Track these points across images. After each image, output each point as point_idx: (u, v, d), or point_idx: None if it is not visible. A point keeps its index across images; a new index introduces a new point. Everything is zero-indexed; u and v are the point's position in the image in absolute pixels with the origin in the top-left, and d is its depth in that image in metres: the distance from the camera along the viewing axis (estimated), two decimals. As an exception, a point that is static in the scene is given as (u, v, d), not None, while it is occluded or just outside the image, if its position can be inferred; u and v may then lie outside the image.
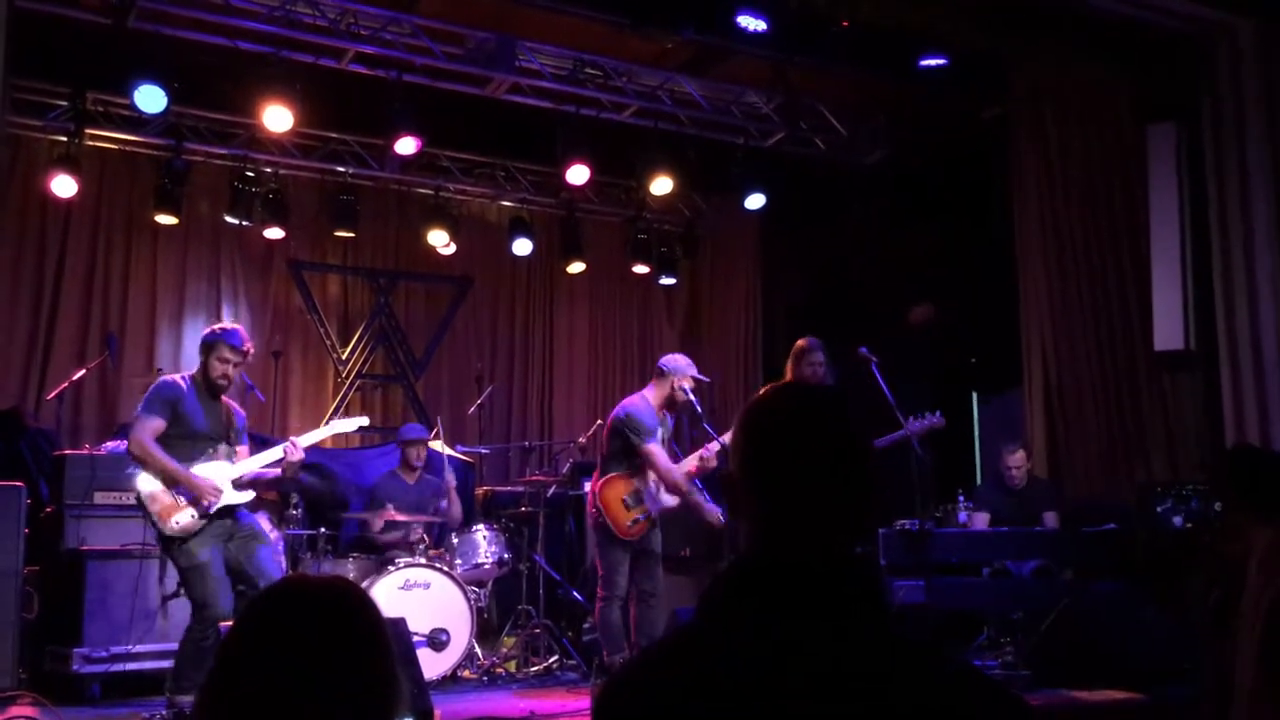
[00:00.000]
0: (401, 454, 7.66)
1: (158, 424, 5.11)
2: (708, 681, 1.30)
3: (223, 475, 5.20)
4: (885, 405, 5.98)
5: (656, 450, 5.88)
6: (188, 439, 5.20)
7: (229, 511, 5.20)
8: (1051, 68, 7.88)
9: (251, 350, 5.44)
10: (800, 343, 5.97)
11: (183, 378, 5.34)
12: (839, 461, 1.43)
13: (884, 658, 1.32)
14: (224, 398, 5.40)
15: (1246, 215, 6.49)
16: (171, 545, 5.04)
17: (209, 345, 5.31)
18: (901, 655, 1.34)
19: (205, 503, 5.03)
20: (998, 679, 5.70)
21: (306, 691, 1.34)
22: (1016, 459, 7.22)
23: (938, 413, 6.11)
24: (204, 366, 5.30)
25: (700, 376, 6.12)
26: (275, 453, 5.44)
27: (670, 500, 5.97)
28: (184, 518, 5.02)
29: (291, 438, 5.63)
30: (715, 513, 5.93)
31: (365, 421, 6.02)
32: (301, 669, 1.35)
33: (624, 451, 5.99)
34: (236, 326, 5.45)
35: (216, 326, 5.46)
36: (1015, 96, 8.17)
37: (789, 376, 5.92)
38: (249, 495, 5.36)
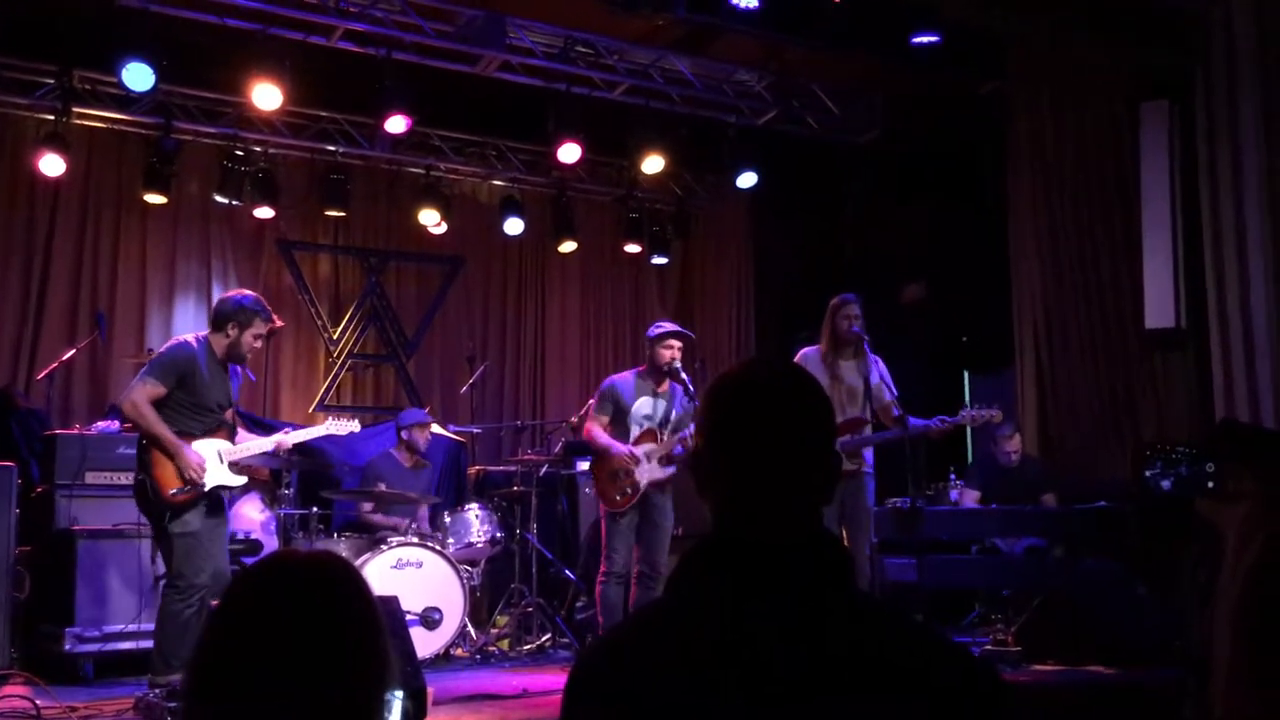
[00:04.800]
0: (407, 437, 7.58)
1: (157, 390, 5.00)
2: (678, 656, 1.31)
3: (219, 454, 5.16)
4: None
5: (591, 415, 6.09)
6: (196, 409, 5.11)
7: (219, 492, 5.18)
8: (1046, 45, 7.86)
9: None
10: (836, 298, 5.95)
11: (196, 340, 5.18)
12: (801, 437, 1.43)
13: (853, 628, 1.33)
14: None
15: (1238, 193, 6.49)
16: (165, 514, 4.99)
17: (246, 316, 5.14)
18: (869, 624, 1.34)
19: (189, 477, 4.98)
20: (984, 655, 5.75)
21: (296, 667, 1.34)
22: (1014, 444, 7.23)
23: (996, 405, 6.07)
24: (234, 338, 5.15)
25: (678, 329, 6.10)
26: (267, 443, 5.42)
27: (661, 472, 5.95)
28: (181, 491, 4.99)
29: (285, 431, 5.62)
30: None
31: (356, 427, 5.97)
32: (290, 644, 1.35)
33: (617, 427, 6.03)
34: (258, 295, 5.36)
35: (250, 295, 5.28)
36: (1009, 74, 8.15)
37: (825, 331, 5.90)
38: (243, 480, 5.33)
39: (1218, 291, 6.59)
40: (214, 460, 5.11)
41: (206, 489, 5.06)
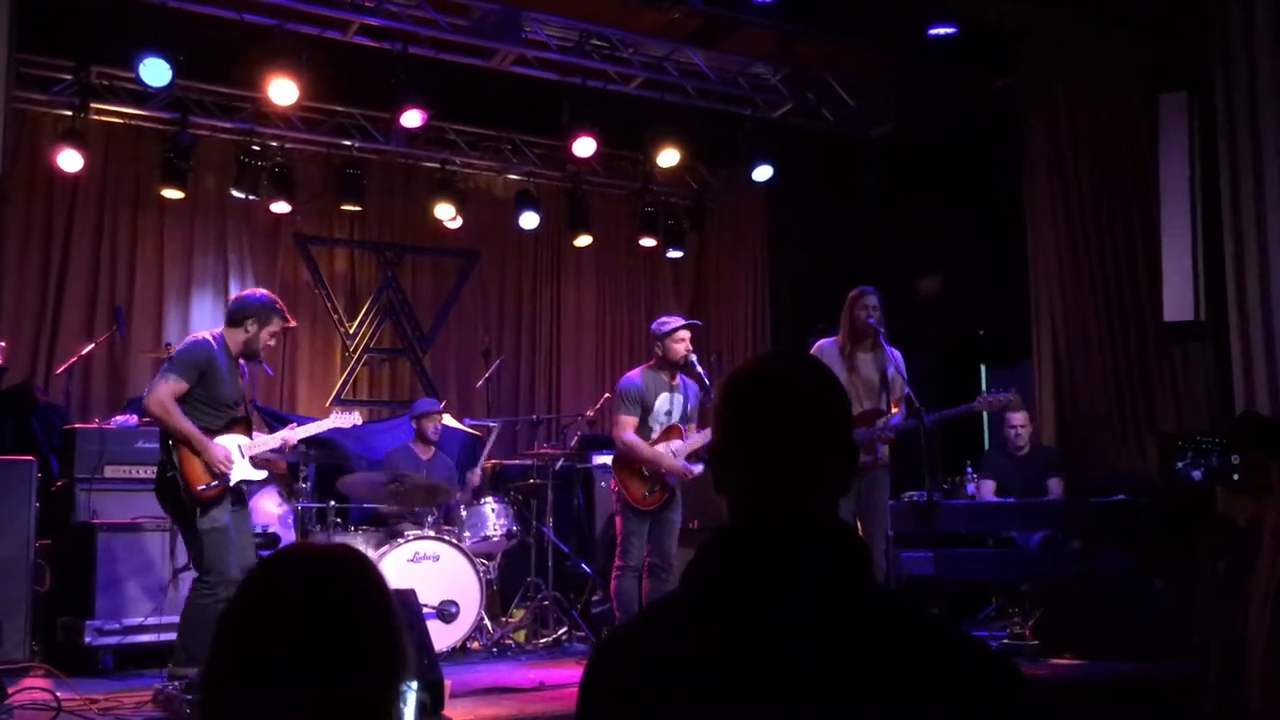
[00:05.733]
0: (417, 429, 7.67)
1: (181, 387, 5.02)
2: (692, 650, 1.31)
3: (240, 448, 5.20)
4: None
5: (622, 420, 6.01)
6: (214, 405, 5.15)
7: (241, 485, 5.23)
8: (1059, 38, 7.81)
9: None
10: (854, 290, 5.93)
11: (213, 336, 5.22)
12: (818, 428, 1.43)
13: (868, 621, 1.32)
14: None
15: (1258, 184, 6.43)
16: (194, 510, 5.01)
17: (265, 314, 5.20)
18: (885, 617, 1.34)
19: (218, 471, 5.04)
20: (1001, 648, 5.75)
21: (312, 659, 1.34)
22: (1019, 418, 7.20)
23: (1013, 389, 6.06)
24: (252, 334, 5.20)
25: (685, 321, 6.11)
26: (275, 440, 5.47)
27: (694, 468, 5.98)
28: (210, 486, 5.03)
29: (291, 426, 5.65)
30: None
31: (359, 419, 6.11)
32: (306, 636, 1.35)
33: (640, 426, 6.02)
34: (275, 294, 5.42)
35: (268, 294, 5.33)
36: (1025, 66, 8.11)
37: (843, 323, 5.89)
38: (263, 474, 5.38)
39: (1237, 284, 6.53)
40: (236, 454, 5.16)
41: (232, 483, 5.11)
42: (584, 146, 8.33)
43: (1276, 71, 6.42)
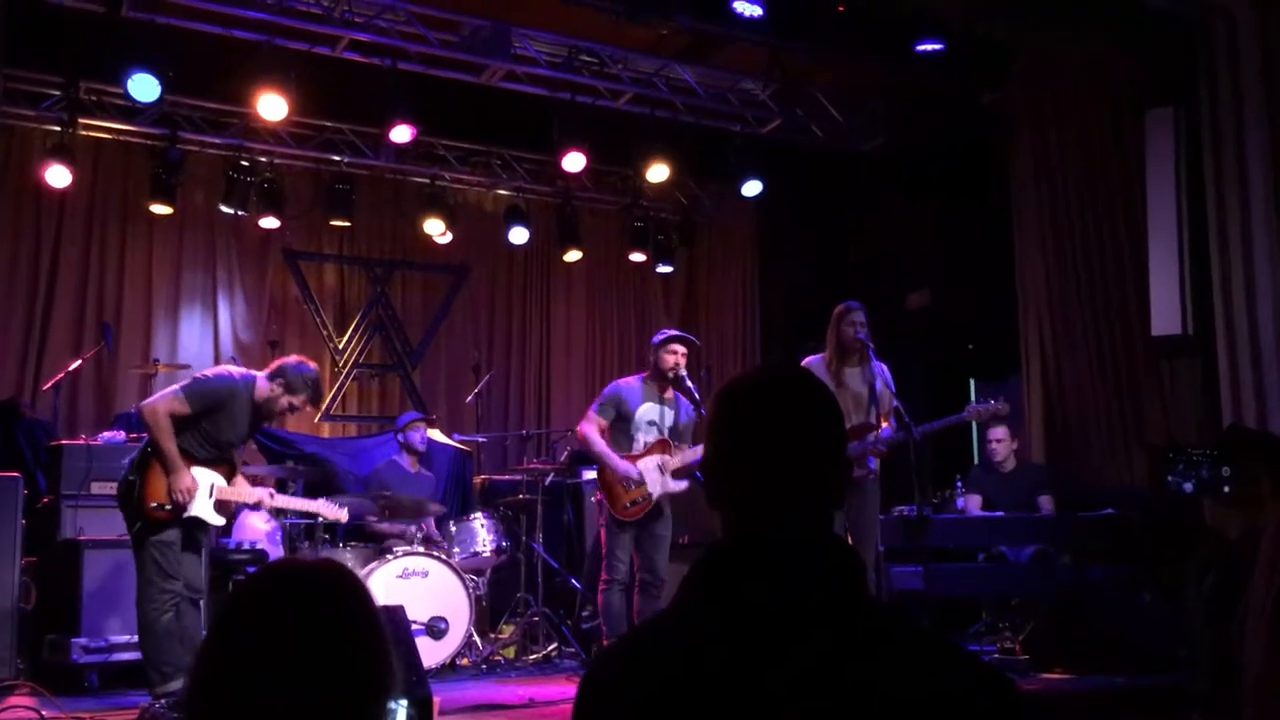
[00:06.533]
0: (402, 441, 7.66)
1: (183, 410, 5.02)
2: (686, 664, 1.31)
3: (212, 486, 5.15)
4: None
5: (588, 414, 6.03)
6: (208, 440, 5.15)
7: (199, 522, 5.17)
8: (1050, 52, 7.85)
9: None
10: (841, 305, 5.93)
11: (243, 377, 5.23)
12: (810, 438, 1.42)
13: (861, 633, 1.31)
14: None
15: (1244, 198, 6.47)
16: (136, 521, 5.00)
17: (296, 384, 5.19)
18: (879, 630, 1.33)
19: (176, 499, 4.98)
20: (991, 662, 5.73)
21: (298, 675, 1.33)
22: (999, 432, 7.19)
23: (1001, 398, 6.07)
24: (275, 395, 5.19)
25: (679, 334, 6.12)
26: (251, 496, 5.43)
27: (676, 485, 5.95)
28: (162, 508, 5.01)
29: (270, 491, 5.58)
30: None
31: (344, 517, 5.85)
32: (292, 652, 1.34)
33: (620, 432, 6.00)
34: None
35: (315, 372, 5.33)
36: (1013, 81, 8.15)
37: (830, 339, 5.89)
38: (221, 521, 5.34)
39: (1224, 298, 6.57)
40: (205, 491, 5.11)
41: (185, 515, 5.05)
42: (574, 162, 8.35)
43: (1261, 87, 6.46)
